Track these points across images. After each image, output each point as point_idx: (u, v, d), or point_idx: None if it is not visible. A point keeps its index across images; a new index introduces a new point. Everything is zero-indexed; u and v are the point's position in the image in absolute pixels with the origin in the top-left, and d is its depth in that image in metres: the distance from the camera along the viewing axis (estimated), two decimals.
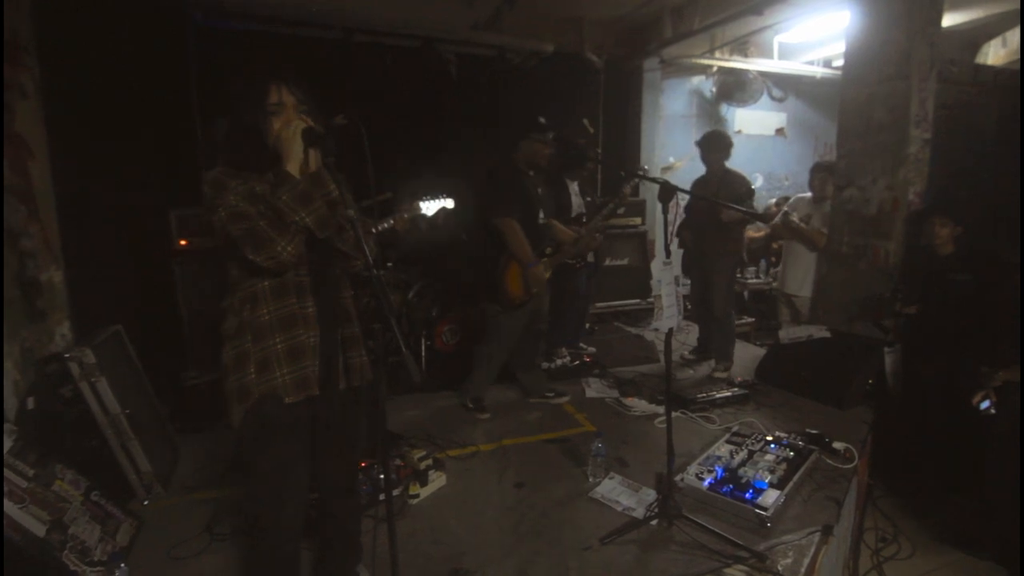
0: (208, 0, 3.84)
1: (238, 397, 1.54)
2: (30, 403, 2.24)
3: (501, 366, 3.34)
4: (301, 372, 1.56)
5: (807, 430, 2.75)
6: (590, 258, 4.04)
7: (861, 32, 3.57)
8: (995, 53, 5.14)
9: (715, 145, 3.75)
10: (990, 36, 5.14)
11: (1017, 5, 4.43)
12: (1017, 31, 4.83)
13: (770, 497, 2.17)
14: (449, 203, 3.41)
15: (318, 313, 1.59)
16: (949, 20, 4.32)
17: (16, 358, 2.28)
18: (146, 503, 2.33)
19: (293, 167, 1.49)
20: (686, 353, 4.15)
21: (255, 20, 4.06)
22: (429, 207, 3.37)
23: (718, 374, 3.72)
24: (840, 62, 4.28)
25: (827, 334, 3.52)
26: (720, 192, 3.60)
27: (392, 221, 3.26)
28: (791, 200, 4.54)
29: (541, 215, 3.21)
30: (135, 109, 3.40)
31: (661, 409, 3.08)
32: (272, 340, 1.54)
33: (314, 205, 1.47)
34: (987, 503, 2.65)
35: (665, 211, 2.15)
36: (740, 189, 3.63)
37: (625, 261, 4.99)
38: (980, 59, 5.19)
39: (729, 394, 3.30)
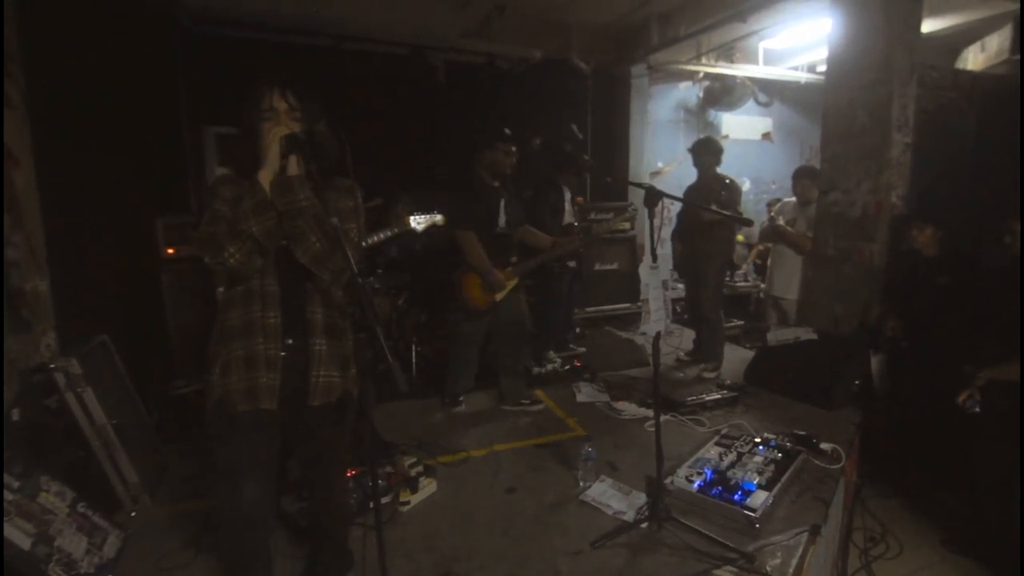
0: (197, 7, 3.83)
1: (206, 394, 1.61)
2: (15, 414, 2.21)
3: (471, 368, 3.42)
4: (251, 382, 1.56)
5: (795, 431, 2.77)
6: (571, 263, 4.07)
7: (842, 38, 3.63)
8: (974, 58, 5.23)
9: (704, 150, 3.84)
10: (969, 41, 5.24)
11: (995, 11, 4.52)
12: (995, 36, 4.92)
13: (758, 498, 2.19)
14: (439, 218, 3.43)
15: (284, 325, 1.59)
16: (929, 26, 4.39)
17: None
18: (133, 514, 2.30)
19: (267, 173, 1.52)
20: (682, 355, 4.18)
21: (244, 27, 4.06)
22: (419, 223, 3.39)
23: (706, 374, 3.75)
24: (824, 67, 4.35)
25: (814, 336, 3.56)
26: (709, 196, 3.65)
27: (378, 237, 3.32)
28: (779, 204, 4.60)
29: (502, 221, 3.24)
30: (122, 117, 3.38)
31: (651, 412, 3.10)
32: (235, 345, 1.57)
33: (266, 215, 1.50)
34: (974, 503, 2.69)
35: (651, 216, 2.16)
36: (725, 192, 3.69)
37: (615, 266, 5.02)
38: (960, 64, 5.28)
39: (718, 396, 3.32)
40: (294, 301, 1.61)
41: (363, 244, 2.78)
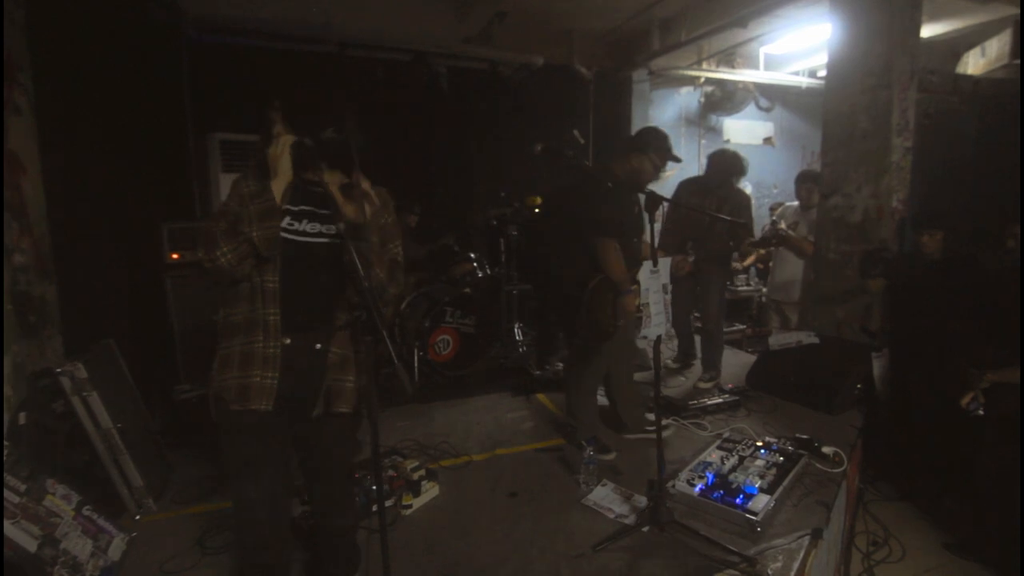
0: (202, 16, 3.88)
1: (208, 388, 1.60)
2: (22, 418, 2.23)
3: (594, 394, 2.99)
4: (245, 380, 1.53)
5: (797, 435, 2.77)
6: None
7: (843, 43, 3.65)
8: (975, 63, 5.25)
9: (731, 168, 3.72)
10: (970, 46, 5.25)
11: (995, 16, 4.54)
12: (995, 41, 4.94)
13: (760, 502, 2.19)
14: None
15: (283, 323, 1.56)
16: (929, 31, 4.41)
17: (8, 373, 2.28)
18: (138, 518, 2.32)
19: (279, 182, 1.52)
20: (669, 362, 4.17)
21: (248, 35, 4.10)
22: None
23: (703, 384, 3.73)
24: (824, 72, 4.37)
25: (816, 340, 3.56)
26: (724, 207, 3.54)
27: None
28: (780, 208, 4.61)
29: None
30: (128, 124, 3.41)
31: (653, 416, 3.10)
32: (235, 340, 1.57)
33: (271, 223, 1.49)
34: (978, 506, 2.68)
35: (651, 220, 2.18)
36: (742, 208, 3.64)
37: None
38: (960, 69, 5.30)
39: (720, 401, 3.33)
40: (300, 299, 1.59)
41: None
